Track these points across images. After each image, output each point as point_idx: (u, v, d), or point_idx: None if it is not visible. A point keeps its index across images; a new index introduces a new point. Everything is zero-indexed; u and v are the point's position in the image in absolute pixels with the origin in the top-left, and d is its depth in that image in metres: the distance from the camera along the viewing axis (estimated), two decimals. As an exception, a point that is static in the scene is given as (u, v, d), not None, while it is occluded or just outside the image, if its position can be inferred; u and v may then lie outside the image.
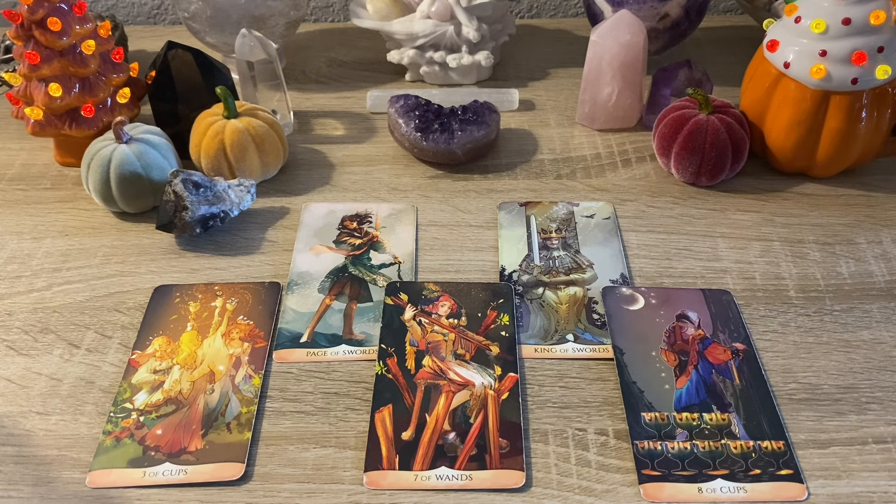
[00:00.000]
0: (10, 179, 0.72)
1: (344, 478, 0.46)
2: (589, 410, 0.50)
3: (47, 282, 0.60)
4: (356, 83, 0.86)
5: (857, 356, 0.53)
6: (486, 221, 0.66)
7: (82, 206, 0.68)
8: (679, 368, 0.52)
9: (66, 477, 0.47)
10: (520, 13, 1.06)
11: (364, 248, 0.63)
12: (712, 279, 0.60)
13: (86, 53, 0.67)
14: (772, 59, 0.66)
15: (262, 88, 0.75)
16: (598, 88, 0.75)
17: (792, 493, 0.45)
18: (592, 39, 0.74)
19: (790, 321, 0.56)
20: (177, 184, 0.62)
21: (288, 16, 0.83)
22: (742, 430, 0.48)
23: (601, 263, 0.61)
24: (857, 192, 0.69)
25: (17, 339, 0.56)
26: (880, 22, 0.60)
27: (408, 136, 0.71)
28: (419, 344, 0.54)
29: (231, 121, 0.67)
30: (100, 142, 0.65)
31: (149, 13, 1.05)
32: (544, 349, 0.54)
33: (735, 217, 0.66)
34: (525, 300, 0.58)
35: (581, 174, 0.71)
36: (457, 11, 0.80)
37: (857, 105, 0.63)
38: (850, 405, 0.50)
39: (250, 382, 0.52)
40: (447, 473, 0.46)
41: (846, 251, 0.62)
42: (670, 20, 0.82)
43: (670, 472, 0.46)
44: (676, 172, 0.69)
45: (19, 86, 0.69)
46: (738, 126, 0.66)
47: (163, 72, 0.71)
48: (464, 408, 0.50)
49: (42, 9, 0.65)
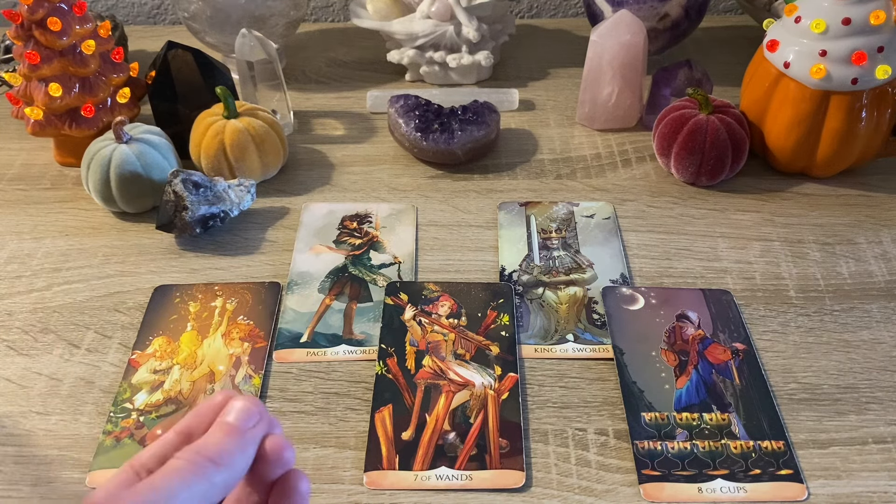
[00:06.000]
0: (10, 179, 0.72)
1: (344, 478, 0.46)
2: (589, 410, 0.50)
3: (47, 282, 0.60)
4: (356, 83, 0.86)
5: (857, 356, 0.53)
6: (486, 221, 0.66)
7: (82, 206, 0.68)
8: (679, 368, 0.52)
9: (66, 477, 0.47)
10: (520, 13, 1.06)
11: (364, 248, 0.63)
12: (712, 279, 0.60)
13: (86, 53, 0.67)
14: (772, 59, 0.66)
15: (262, 88, 0.75)
16: (598, 88, 0.75)
17: (792, 493, 0.45)
18: (592, 39, 0.74)
19: (790, 321, 0.56)
20: (177, 184, 0.62)
21: (288, 16, 0.83)
22: (742, 430, 0.48)
23: (601, 263, 0.61)
24: (857, 192, 0.68)
25: (17, 339, 0.56)
26: (880, 22, 0.60)
27: (408, 136, 0.71)
28: (419, 344, 0.54)
29: (231, 121, 0.67)
30: (100, 142, 0.65)
31: (149, 13, 1.05)
32: (544, 349, 0.54)
33: (735, 217, 0.66)
34: (525, 300, 0.58)
35: (581, 174, 0.71)
36: (457, 11, 0.80)
37: (857, 105, 0.63)
38: (850, 405, 0.50)
39: (250, 382, 0.52)
40: (447, 473, 0.46)
41: (846, 251, 0.62)
42: (670, 20, 0.82)
43: (670, 472, 0.46)
44: (676, 172, 0.69)
45: (19, 86, 0.69)
46: (738, 126, 0.66)
47: (163, 72, 0.71)
48: (464, 408, 0.50)
49: (42, 9, 0.65)
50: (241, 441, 0.30)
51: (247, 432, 0.30)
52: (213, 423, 0.30)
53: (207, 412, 0.31)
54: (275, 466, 0.31)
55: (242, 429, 0.30)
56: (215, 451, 0.29)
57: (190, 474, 0.28)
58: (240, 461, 0.29)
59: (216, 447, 0.29)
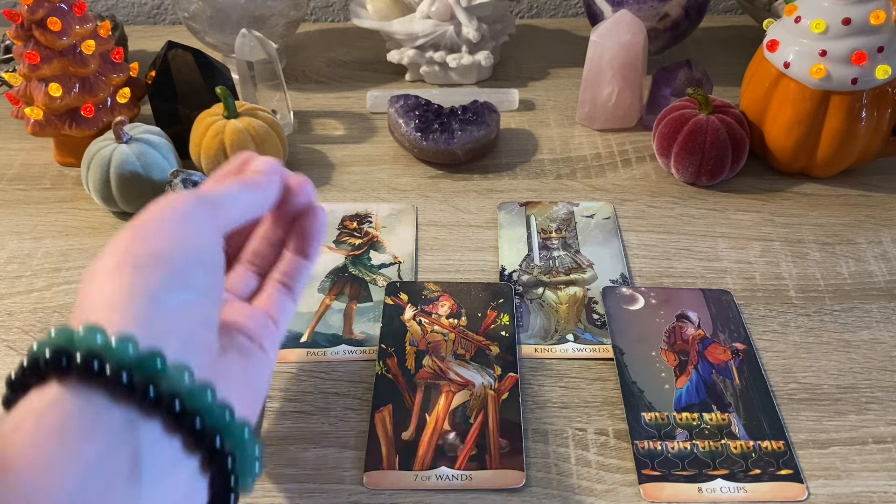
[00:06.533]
0: (10, 179, 0.72)
1: (344, 478, 0.46)
2: (589, 410, 0.50)
3: (47, 282, 0.60)
4: (356, 83, 0.86)
5: (857, 356, 0.53)
6: (486, 221, 0.66)
7: (82, 206, 0.68)
8: (679, 368, 0.52)
9: (66, 477, 0.47)
10: (520, 13, 1.06)
11: (364, 247, 0.63)
12: (712, 279, 0.60)
13: (86, 53, 0.67)
14: (772, 59, 0.66)
15: (262, 88, 0.75)
16: (598, 88, 0.75)
17: (792, 493, 0.45)
18: (592, 39, 0.74)
19: (790, 321, 0.56)
20: (177, 184, 0.62)
21: (288, 16, 0.83)
22: (742, 430, 0.48)
23: (601, 263, 0.61)
24: (857, 192, 0.69)
25: (17, 339, 0.56)
26: (880, 22, 0.60)
27: (408, 136, 0.71)
28: (419, 344, 0.54)
29: (231, 121, 0.67)
30: (100, 142, 0.65)
31: (149, 13, 1.05)
32: (544, 349, 0.54)
33: (735, 217, 0.66)
34: (525, 300, 0.58)
35: (581, 174, 0.71)
36: (457, 11, 0.80)
37: (857, 105, 0.63)
38: (850, 405, 0.50)
39: (250, 382, 0.52)
40: (447, 473, 0.46)
41: (846, 251, 0.62)
42: (670, 20, 0.82)
43: (670, 472, 0.46)
44: (676, 172, 0.69)
45: (19, 86, 0.69)
46: (738, 126, 0.66)
47: (163, 72, 0.71)
48: (464, 408, 0.50)
49: (42, 9, 0.65)
50: (272, 172, 0.38)
51: (276, 169, 0.39)
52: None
53: (235, 166, 0.40)
54: (298, 195, 0.40)
55: (273, 168, 0.39)
56: (253, 177, 0.38)
57: (239, 187, 0.37)
58: (273, 186, 0.38)
59: (253, 174, 0.38)
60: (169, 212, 0.33)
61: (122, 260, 0.30)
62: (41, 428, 0.26)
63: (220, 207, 0.35)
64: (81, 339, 0.27)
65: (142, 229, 0.32)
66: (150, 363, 0.27)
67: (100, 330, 0.28)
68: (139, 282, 0.29)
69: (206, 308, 0.32)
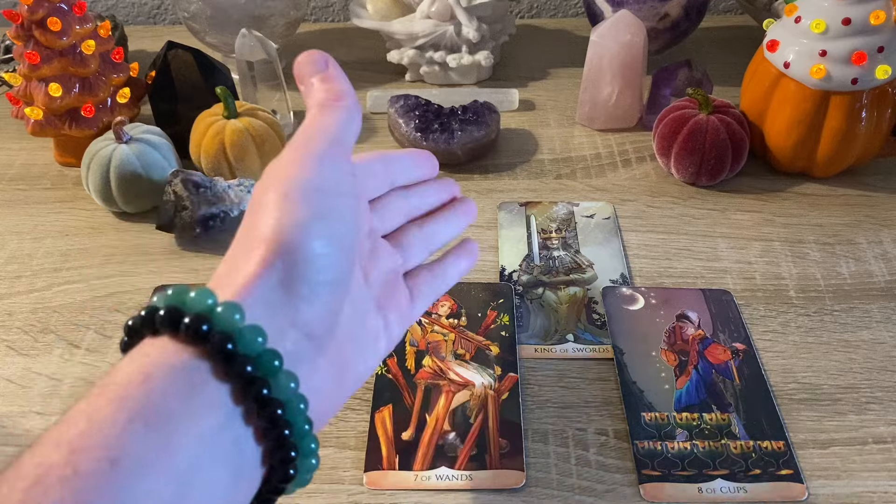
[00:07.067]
0: (10, 179, 0.72)
1: (344, 478, 0.46)
2: (589, 410, 0.50)
3: (47, 282, 0.60)
4: (356, 83, 0.86)
5: (857, 356, 0.53)
6: (486, 221, 0.66)
7: (82, 206, 0.68)
8: (679, 368, 0.52)
9: (66, 477, 0.47)
10: (520, 13, 1.06)
11: (364, 248, 0.63)
12: (712, 279, 0.60)
13: (86, 53, 0.67)
14: (772, 59, 0.66)
15: (262, 88, 0.75)
16: (598, 88, 0.75)
17: (792, 493, 0.45)
18: (592, 39, 0.74)
19: (790, 321, 0.56)
20: (177, 184, 0.62)
21: (288, 16, 0.83)
22: (742, 430, 0.48)
23: (601, 263, 0.61)
24: (857, 192, 0.68)
25: (17, 339, 0.56)
26: (880, 22, 0.60)
27: (408, 136, 0.71)
28: (419, 344, 0.54)
29: (231, 121, 0.67)
30: (100, 142, 0.65)
31: (149, 13, 1.05)
32: (544, 349, 0.54)
33: (735, 217, 0.66)
34: (525, 300, 0.58)
35: (581, 174, 0.71)
36: (457, 11, 0.80)
37: (857, 105, 0.63)
38: (850, 405, 0.50)
39: (250, 382, 0.52)
40: (447, 473, 0.46)
41: (846, 251, 0.62)
42: (670, 20, 0.82)
43: (670, 472, 0.46)
44: (676, 172, 0.69)
45: (19, 86, 0.69)
46: (738, 126, 0.66)
47: (163, 72, 0.71)
48: (464, 408, 0.50)
49: (42, 9, 0.65)
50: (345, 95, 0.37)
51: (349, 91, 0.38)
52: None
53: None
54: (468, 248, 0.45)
55: (344, 91, 0.38)
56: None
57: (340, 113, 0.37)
58: (353, 106, 0.37)
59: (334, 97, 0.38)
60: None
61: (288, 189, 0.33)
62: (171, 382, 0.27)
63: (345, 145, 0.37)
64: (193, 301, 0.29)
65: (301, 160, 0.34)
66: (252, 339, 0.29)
67: (211, 294, 0.29)
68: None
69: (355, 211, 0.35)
